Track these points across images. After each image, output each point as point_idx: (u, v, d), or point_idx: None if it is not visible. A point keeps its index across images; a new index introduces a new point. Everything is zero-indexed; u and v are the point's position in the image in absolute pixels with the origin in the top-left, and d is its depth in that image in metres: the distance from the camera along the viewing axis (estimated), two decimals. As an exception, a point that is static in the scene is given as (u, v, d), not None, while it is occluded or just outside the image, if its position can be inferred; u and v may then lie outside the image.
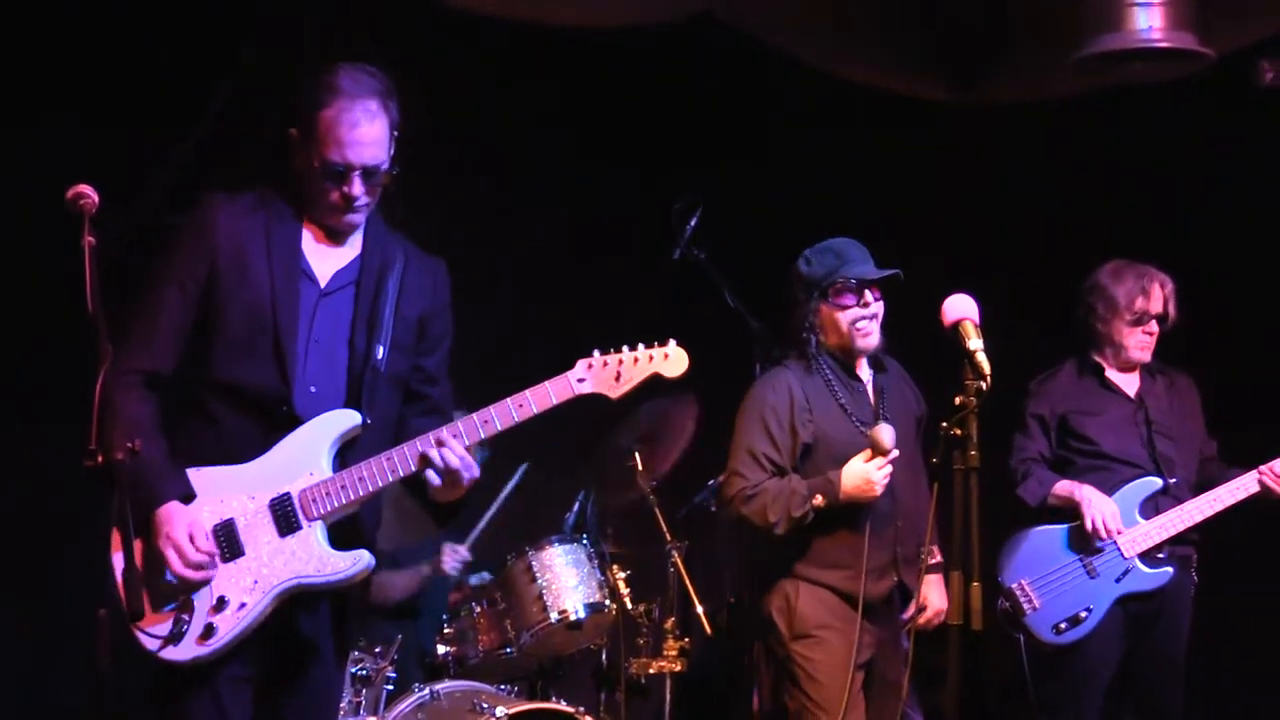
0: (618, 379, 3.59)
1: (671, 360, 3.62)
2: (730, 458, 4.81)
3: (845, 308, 4.76)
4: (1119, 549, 5.12)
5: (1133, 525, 5.13)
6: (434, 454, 3.49)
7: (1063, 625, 5.09)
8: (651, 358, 3.61)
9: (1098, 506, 5.11)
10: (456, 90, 5.96)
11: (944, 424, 3.85)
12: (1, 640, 4.89)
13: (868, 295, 4.77)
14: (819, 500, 4.64)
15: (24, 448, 5.26)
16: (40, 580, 5.23)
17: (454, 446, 3.51)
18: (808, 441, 4.75)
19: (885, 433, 4.61)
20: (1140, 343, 5.27)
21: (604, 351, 3.61)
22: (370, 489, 3.52)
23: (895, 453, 4.61)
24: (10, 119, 5.31)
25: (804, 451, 4.77)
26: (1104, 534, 5.10)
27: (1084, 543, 5.15)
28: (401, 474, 3.52)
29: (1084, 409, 5.30)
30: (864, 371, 4.90)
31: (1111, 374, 5.33)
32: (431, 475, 3.50)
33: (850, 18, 6.57)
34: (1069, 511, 5.18)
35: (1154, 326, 5.26)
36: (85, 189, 3.28)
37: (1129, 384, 5.34)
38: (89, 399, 3.08)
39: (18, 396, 5.27)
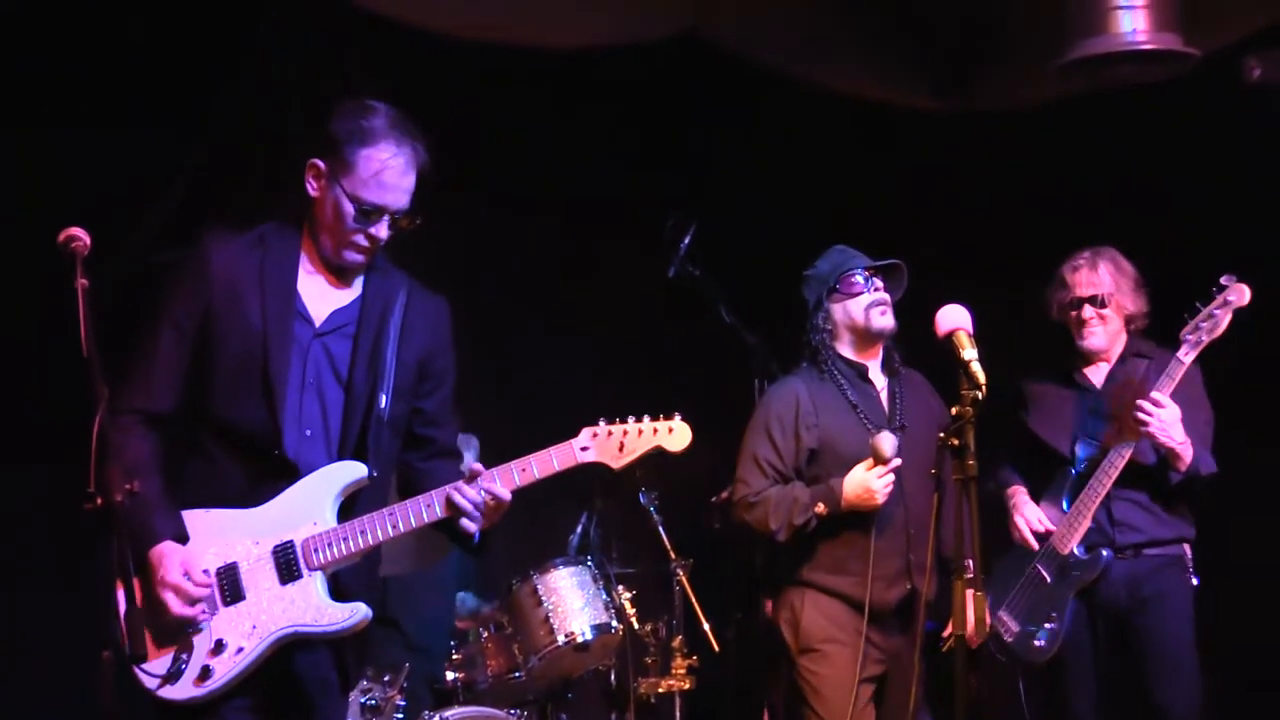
0: (621, 449, 3.63)
1: (675, 434, 3.65)
2: (738, 465, 4.87)
3: (856, 294, 4.82)
4: (1055, 547, 5.04)
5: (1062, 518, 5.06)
6: (461, 501, 3.52)
7: (1038, 643, 5.01)
8: (656, 430, 3.65)
9: (1019, 515, 5.10)
10: (444, 113, 5.96)
11: (941, 434, 3.87)
12: (5, 684, 4.89)
13: (876, 282, 4.84)
14: (821, 509, 4.66)
15: (23, 488, 5.27)
16: (41, 622, 5.23)
17: (471, 493, 3.53)
18: (813, 447, 4.78)
19: (886, 441, 4.62)
20: (1081, 332, 5.14)
21: (609, 421, 3.65)
22: (371, 541, 3.55)
23: (897, 461, 4.61)
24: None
25: (811, 457, 4.79)
26: (1029, 542, 5.06)
27: (1028, 553, 5.08)
28: (403, 529, 3.55)
29: (1041, 413, 5.20)
30: (877, 377, 4.90)
31: (1081, 366, 5.21)
32: (467, 523, 3.55)
33: (835, 30, 6.57)
34: None
35: (1088, 311, 5.13)
36: (77, 232, 3.30)
37: (1097, 374, 5.21)
38: (88, 439, 3.08)
39: (17, 435, 5.27)
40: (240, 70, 5.64)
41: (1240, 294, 4.87)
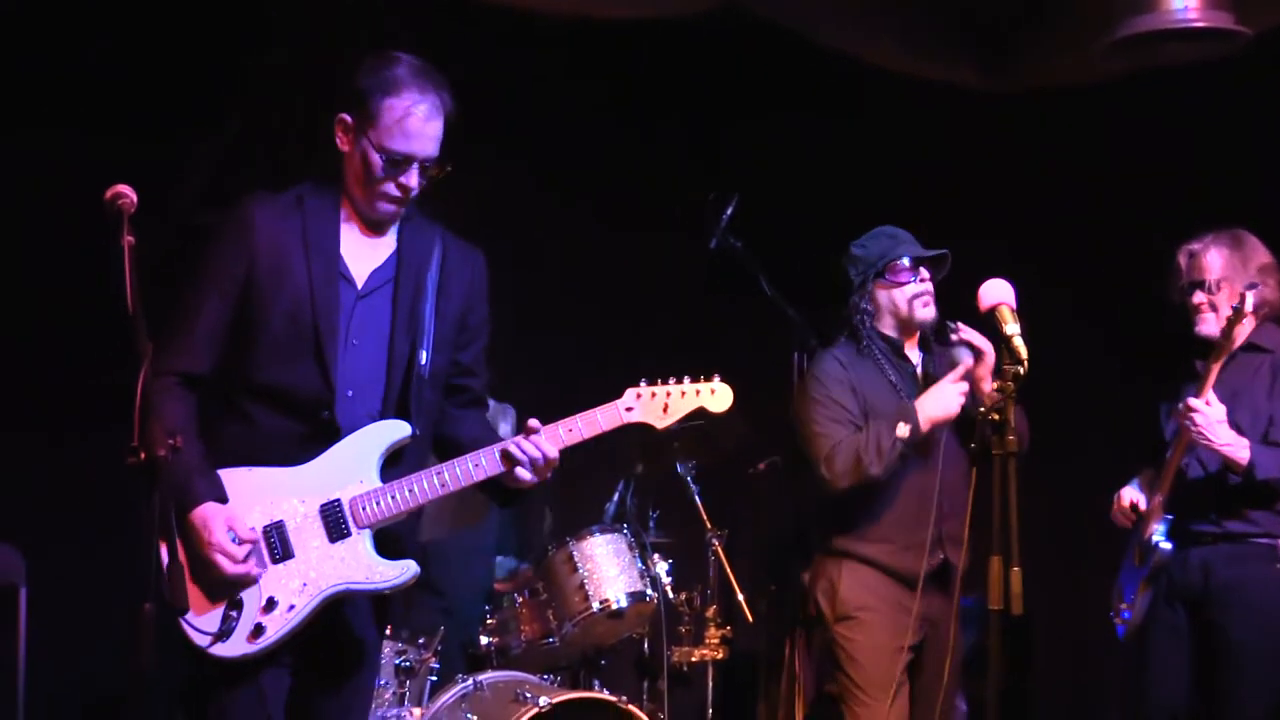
0: (665, 410, 3.71)
1: (717, 395, 3.74)
2: (809, 444, 4.83)
3: (902, 284, 4.89)
4: (1141, 531, 5.00)
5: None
6: (518, 452, 3.57)
7: (1120, 620, 5.02)
8: (699, 392, 3.73)
9: (1118, 497, 5.07)
10: (486, 82, 5.95)
11: (980, 409, 3.86)
12: (45, 635, 4.94)
13: (922, 271, 4.91)
14: (904, 430, 4.67)
15: (65, 444, 5.32)
16: (83, 575, 5.28)
17: (530, 448, 3.57)
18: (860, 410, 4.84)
19: (962, 351, 4.70)
20: (1192, 319, 4.93)
21: (651, 382, 3.72)
22: (420, 501, 3.58)
23: (969, 361, 4.66)
24: (42, 121, 5.36)
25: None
26: (1121, 520, 5.05)
27: (1131, 535, 5.08)
28: (452, 487, 3.58)
29: (1174, 411, 4.94)
30: (913, 353, 4.99)
31: (1202, 354, 4.87)
32: (522, 473, 3.59)
33: (877, 4, 6.54)
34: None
35: (1198, 297, 4.91)
36: (124, 189, 3.31)
37: (1216, 369, 4.83)
38: (130, 397, 3.10)
39: (62, 395, 5.32)
40: (274, 36, 5.66)
41: (1242, 299, 4.69)
